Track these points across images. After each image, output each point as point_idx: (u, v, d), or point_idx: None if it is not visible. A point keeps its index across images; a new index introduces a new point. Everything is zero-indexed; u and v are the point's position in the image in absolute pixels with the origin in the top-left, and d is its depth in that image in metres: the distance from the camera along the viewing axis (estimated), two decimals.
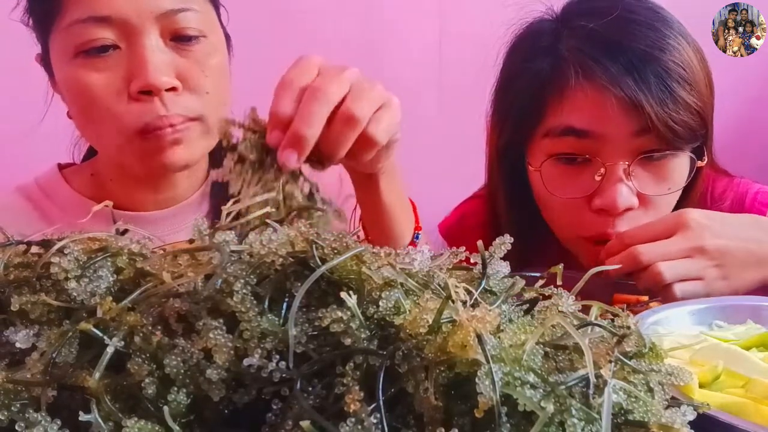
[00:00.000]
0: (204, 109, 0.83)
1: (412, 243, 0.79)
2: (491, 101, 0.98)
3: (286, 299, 0.39)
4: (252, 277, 0.40)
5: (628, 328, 0.44)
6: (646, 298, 0.77)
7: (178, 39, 0.81)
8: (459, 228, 1.15)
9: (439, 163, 1.40)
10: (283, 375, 0.36)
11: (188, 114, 0.82)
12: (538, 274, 0.52)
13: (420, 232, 0.80)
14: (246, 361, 0.37)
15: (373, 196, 0.75)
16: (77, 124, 0.89)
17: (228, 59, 0.89)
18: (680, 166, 0.89)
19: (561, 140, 0.88)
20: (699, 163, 0.89)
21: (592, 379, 0.36)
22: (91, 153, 0.98)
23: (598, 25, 0.88)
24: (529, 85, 0.91)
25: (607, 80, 0.85)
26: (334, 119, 0.61)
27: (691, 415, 0.38)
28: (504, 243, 0.50)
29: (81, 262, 0.42)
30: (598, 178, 0.87)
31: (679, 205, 0.92)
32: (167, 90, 0.80)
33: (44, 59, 0.86)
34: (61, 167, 0.97)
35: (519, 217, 0.98)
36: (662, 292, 0.77)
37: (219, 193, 0.95)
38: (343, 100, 0.61)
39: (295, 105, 0.60)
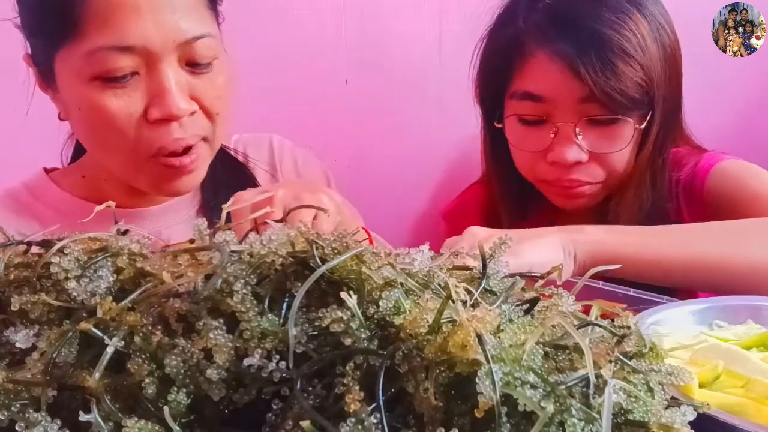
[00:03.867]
0: (214, 129, 0.85)
1: None
2: (477, 63, 1.10)
3: (286, 299, 0.39)
4: (252, 277, 0.40)
5: (628, 328, 0.44)
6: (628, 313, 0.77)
7: (194, 64, 0.82)
8: (460, 212, 1.24)
9: (438, 157, 1.41)
10: (283, 375, 0.36)
11: (201, 134, 0.84)
12: (538, 275, 0.52)
13: None
14: (246, 361, 0.37)
15: None
16: (83, 138, 0.88)
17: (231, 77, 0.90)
18: (628, 129, 1.00)
19: (521, 103, 1.02)
20: (638, 127, 1.00)
21: (592, 379, 0.36)
22: (77, 154, 0.99)
23: (554, 1, 1.01)
24: (498, 52, 1.05)
25: (555, 51, 0.97)
26: None
27: (691, 415, 0.38)
28: (504, 243, 0.50)
29: (81, 262, 0.42)
30: (551, 136, 1.00)
31: (651, 176, 1.03)
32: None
33: (40, 66, 0.85)
34: (47, 171, 0.97)
35: (507, 179, 1.11)
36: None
37: (210, 188, 0.96)
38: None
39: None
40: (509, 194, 1.11)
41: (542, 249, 0.78)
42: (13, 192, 0.94)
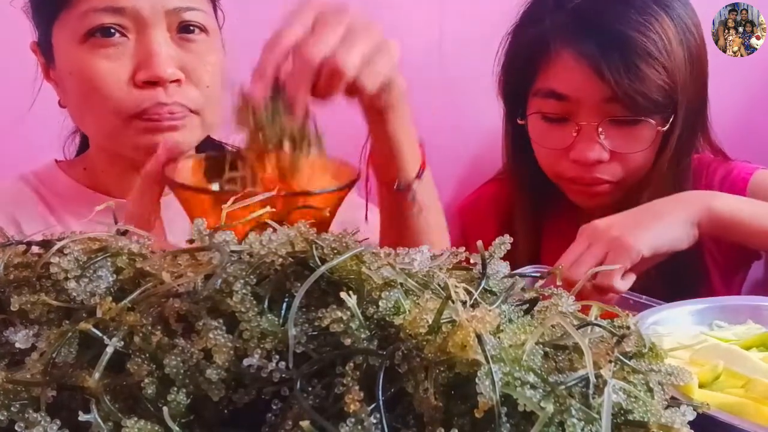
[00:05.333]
0: (203, 102, 0.87)
1: (418, 177, 0.82)
2: (501, 60, 1.11)
3: (286, 299, 0.39)
4: (252, 277, 0.40)
5: (628, 328, 0.44)
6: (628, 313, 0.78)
7: (183, 32, 0.85)
8: (475, 209, 1.26)
9: (444, 155, 1.41)
10: (283, 375, 0.36)
11: (188, 105, 0.85)
12: (538, 275, 0.52)
13: (425, 170, 0.83)
14: (246, 361, 0.37)
15: (379, 130, 0.79)
16: (73, 111, 0.91)
17: (225, 61, 0.92)
18: (649, 130, 1.01)
19: (545, 101, 1.03)
20: (660, 129, 1.01)
21: (592, 379, 0.36)
22: (81, 149, 1.01)
23: (582, 2, 1.01)
24: (523, 49, 1.06)
25: (580, 52, 0.98)
26: (321, 71, 0.64)
27: (691, 415, 0.38)
28: (504, 243, 0.49)
29: (81, 262, 0.42)
30: (574, 135, 1.01)
31: (674, 179, 1.04)
32: (171, 82, 0.84)
33: (42, 47, 0.89)
34: (57, 162, 1.00)
35: (527, 174, 1.12)
36: (606, 296, 0.81)
37: None
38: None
39: (281, 64, 0.64)
40: (529, 190, 1.12)
41: (672, 228, 0.85)
42: (23, 178, 0.97)
